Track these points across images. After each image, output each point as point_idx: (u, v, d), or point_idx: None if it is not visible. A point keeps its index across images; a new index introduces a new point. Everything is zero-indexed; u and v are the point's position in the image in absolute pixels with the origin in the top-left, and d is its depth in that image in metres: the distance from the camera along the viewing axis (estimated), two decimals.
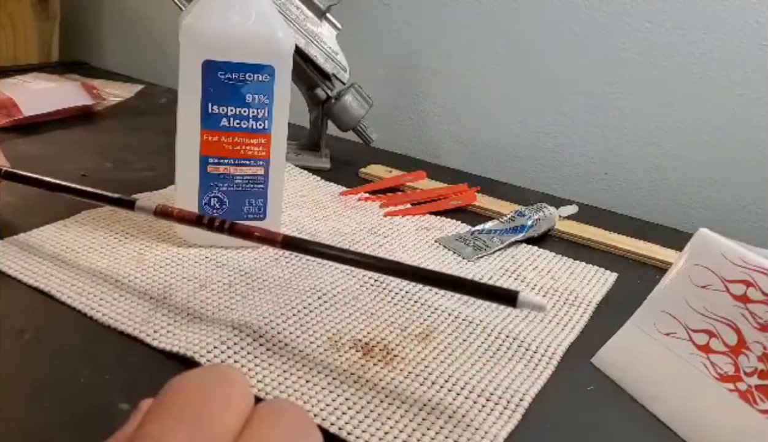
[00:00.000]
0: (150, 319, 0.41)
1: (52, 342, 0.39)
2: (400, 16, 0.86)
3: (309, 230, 0.57)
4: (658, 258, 0.58)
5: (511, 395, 0.38)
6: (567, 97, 0.78)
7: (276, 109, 0.49)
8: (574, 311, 0.49)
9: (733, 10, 0.67)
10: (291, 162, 0.71)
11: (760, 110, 0.68)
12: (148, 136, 0.77)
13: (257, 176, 0.50)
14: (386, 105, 0.88)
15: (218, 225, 0.42)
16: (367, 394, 0.37)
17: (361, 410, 0.36)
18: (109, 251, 0.49)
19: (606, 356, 0.43)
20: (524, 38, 0.79)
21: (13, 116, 0.73)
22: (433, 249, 0.56)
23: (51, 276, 0.45)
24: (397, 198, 0.66)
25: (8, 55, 1.02)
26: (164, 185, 0.61)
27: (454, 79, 0.84)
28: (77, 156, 0.68)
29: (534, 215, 0.60)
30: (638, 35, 0.72)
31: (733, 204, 0.72)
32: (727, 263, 0.38)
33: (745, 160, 0.70)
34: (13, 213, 0.52)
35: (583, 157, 0.79)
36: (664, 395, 0.39)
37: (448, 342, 0.43)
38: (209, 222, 0.42)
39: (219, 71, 0.47)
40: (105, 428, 0.33)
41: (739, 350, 0.37)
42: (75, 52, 1.15)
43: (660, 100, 0.73)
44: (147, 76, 1.02)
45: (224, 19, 0.47)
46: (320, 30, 0.70)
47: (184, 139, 0.49)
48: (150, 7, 1.08)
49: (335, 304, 0.46)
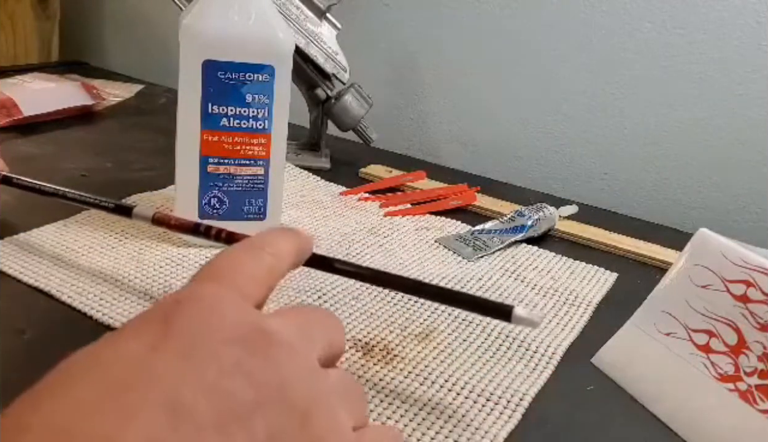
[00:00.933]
0: None
1: (52, 342, 0.39)
2: (400, 16, 0.86)
3: (309, 230, 0.57)
4: (658, 258, 0.58)
5: (511, 395, 0.38)
6: (567, 97, 0.78)
7: (276, 109, 0.49)
8: (574, 311, 0.49)
9: (733, 11, 0.67)
10: (291, 162, 0.71)
11: (760, 110, 0.68)
12: (148, 136, 0.77)
13: (257, 176, 0.50)
14: (386, 105, 0.88)
15: (215, 234, 0.42)
16: (366, 394, 0.37)
17: None
18: (109, 251, 0.49)
19: (606, 356, 0.43)
20: (524, 38, 0.79)
21: (13, 116, 0.73)
22: (433, 249, 0.56)
23: (51, 276, 0.45)
24: (397, 198, 0.66)
25: (8, 55, 1.02)
26: (164, 185, 0.61)
27: (454, 79, 0.84)
28: (77, 156, 0.68)
29: (534, 215, 0.60)
30: (638, 35, 0.72)
31: (733, 204, 0.72)
32: (728, 262, 0.38)
33: (745, 160, 0.70)
34: (13, 213, 0.52)
35: (583, 157, 0.79)
36: (664, 395, 0.39)
37: (448, 342, 0.43)
38: (206, 231, 0.42)
39: (219, 71, 0.47)
40: None
41: (740, 350, 0.37)
42: (75, 52, 1.15)
43: (660, 100, 0.73)
44: (147, 76, 1.02)
45: (224, 19, 0.47)
46: (320, 30, 0.70)
47: (184, 139, 0.49)
48: (150, 7, 1.08)
49: (335, 304, 0.46)
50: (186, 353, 0.19)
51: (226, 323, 0.21)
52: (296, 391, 0.21)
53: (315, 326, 0.25)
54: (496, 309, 0.32)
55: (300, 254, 0.30)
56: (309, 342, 0.23)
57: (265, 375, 0.20)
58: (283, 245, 0.27)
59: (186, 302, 0.21)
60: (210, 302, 0.22)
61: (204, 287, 0.23)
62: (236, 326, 0.21)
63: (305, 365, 0.22)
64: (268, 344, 0.21)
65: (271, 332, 0.21)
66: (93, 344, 0.20)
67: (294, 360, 0.21)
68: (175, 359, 0.19)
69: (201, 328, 0.20)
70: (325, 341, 0.24)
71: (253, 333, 0.21)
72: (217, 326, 0.21)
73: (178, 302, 0.21)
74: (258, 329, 0.21)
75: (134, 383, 0.18)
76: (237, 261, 0.25)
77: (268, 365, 0.20)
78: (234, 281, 0.24)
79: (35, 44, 1.06)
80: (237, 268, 0.24)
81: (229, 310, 0.22)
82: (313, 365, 0.23)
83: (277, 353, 0.21)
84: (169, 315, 0.21)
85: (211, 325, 0.21)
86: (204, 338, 0.20)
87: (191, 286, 0.23)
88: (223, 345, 0.20)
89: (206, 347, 0.20)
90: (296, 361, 0.22)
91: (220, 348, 0.20)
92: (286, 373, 0.21)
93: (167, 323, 0.20)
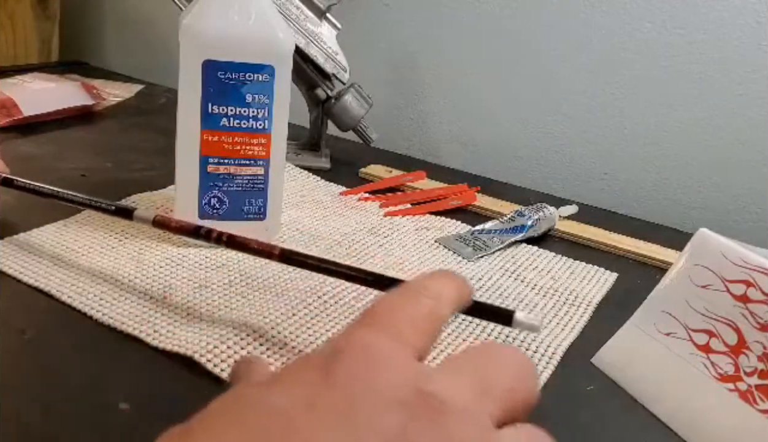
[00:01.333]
0: (150, 319, 0.41)
1: (52, 342, 0.39)
2: (400, 15, 0.86)
3: (309, 230, 0.57)
4: (658, 258, 0.58)
5: None
6: (567, 97, 0.78)
7: (276, 109, 0.49)
8: (574, 311, 0.49)
9: (733, 10, 0.67)
10: (291, 162, 0.71)
11: (760, 110, 0.68)
12: (148, 136, 0.77)
13: (257, 176, 0.50)
14: (386, 105, 0.88)
15: (216, 237, 0.42)
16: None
17: None
18: (109, 251, 0.49)
19: (606, 356, 0.43)
20: (524, 38, 0.79)
21: (13, 116, 0.73)
22: (433, 249, 0.56)
23: (51, 276, 0.45)
24: (397, 198, 0.66)
25: (8, 55, 1.02)
26: (164, 185, 0.61)
27: (454, 79, 0.84)
28: (77, 156, 0.68)
29: (534, 215, 0.60)
30: (638, 35, 0.72)
31: (733, 204, 0.72)
32: (727, 262, 0.38)
33: (745, 160, 0.70)
34: (13, 213, 0.52)
35: (583, 157, 0.79)
36: (664, 395, 0.39)
37: (447, 342, 0.43)
38: (207, 234, 0.42)
39: (219, 71, 0.47)
40: (105, 428, 0.33)
41: (739, 350, 0.37)
42: (75, 52, 1.15)
43: (660, 100, 0.73)
44: (147, 76, 1.02)
45: (224, 19, 0.47)
46: (320, 30, 0.70)
47: (184, 139, 0.49)
48: (150, 7, 1.08)
49: (336, 304, 0.46)
50: (344, 415, 0.18)
51: (389, 381, 0.19)
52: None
53: (493, 375, 0.22)
54: (497, 313, 0.32)
55: (461, 298, 0.27)
56: (482, 402, 0.21)
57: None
58: (443, 288, 0.26)
59: (347, 352, 0.20)
60: (372, 353, 0.20)
61: (365, 335, 0.21)
62: (399, 387, 0.19)
63: (475, 432, 0.20)
64: (434, 411, 0.19)
65: (437, 396, 0.19)
66: (254, 386, 0.20)
67: (461, 428, 0.19)
68: (332, 422, 0.18)
69: (362, 385, 0.19)
70: (506, 391, 0.22)
71: (418, 397, 0.19)
72: (379, 385, 0.19)
73: (339, 352, 0.20)
74: (423, 393, 0.19)
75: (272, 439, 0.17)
76: (396, 306, 0.23)
77: (434, 432, 0.18)
78: (394, 327, 0.22)
79: (35, 44, 1.06)
80: (396, 313, 0.23)
81: (391, 364, 0.20)
82: (484, 427, 0.20)
83: (445, 421, 0.19)
84: (330, 366, 0.20)
85: (373, 382, 0.19)
86: (364, 398, 0.19)
87: (351, 332, 0.22)
88: (385, 409, 0.19)
89: (366, 409, 0.18)
90: (464, 429, 0.19)
91: (381, 412, 0.18)
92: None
93: (327, 375, 0.19)
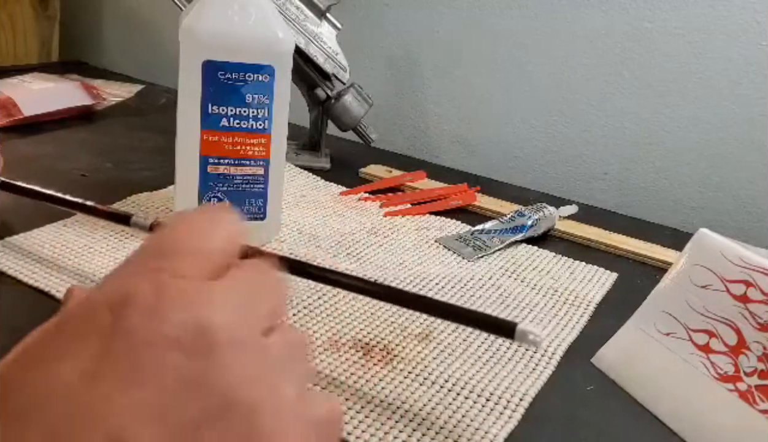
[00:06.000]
0: None
1: None
2: (400, 16, 0.86)
3: (309, 230, 0.57)
4: (658, 258, 0.58)
5: (511, 395, 0.38)
6: (567, 97, 0.78)
7: (276, 109, 0.49)
8: (574, 311, 0.49)
9: (733, 10, 0.67)
10: (291, 162, 0.71)
11: (760, 110, 0.68)
12: (148, 136, 0.77)
13: (257, 176, 0.50)
14: (386, 105, 0.88)
15: None
16: (367, 394, 0.37)
17: (361, 410, 0.36)
18: (109, 251, 0.49)
19: (606, 356, 0.43)
20: (524, 38, 0.79)
21: (13, 116, 0.73)
22: (433, 249, 0.56)
23: (51, 276, 0.45)
24: (397, 198, 0.66)
25: (8, 55, 1.02)
26: (164, 185, 0.61)
27: (454, 78, 0.84)
28: (77, 156, 0.68)
29: (534, 215, 0.60)
30: (638, 35, 0.72)
31: (733, 204, 0.72)
32: (727, 262, 0.38)
33: (745, 160, 0.70)
34: (13, 213, 0.52)
35: (583, 157, 0.79)
36: (664, 395, 0.39)
37: (448, 342, 0.43)
38: None
39: (219, 71, 0.47)
40: None
41: (739, 350, 0.37)
42: (75, 52, 1.15)
43: (660, 100, 0.73)
44: (147, 76, 1.02)
45: (224, 19, 0.47)
46: (320, 30, 0.70)
47: (184, 139, 0.49)
48: (150, 7, 1.08)
49: (335, 304, 0.46)
50: (126, 380, 0.19)
51: (168, 325, 0.20)
52: (243, 389, 0.20)
53: (259, 296, 0.23)
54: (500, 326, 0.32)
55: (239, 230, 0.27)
56: (252, 322, 0.22)
57: (208, 381, 0.20)
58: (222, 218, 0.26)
59: (122, 307, 0.20)
60: (150, 303, 0.20)
61: (145, 279, 0.21)
62: (177, 326, 0.20)
63: (250, 358, 0.21)
64: (210, 347, 0.20)
65: (213, 329, 0.20)
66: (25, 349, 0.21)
67: (238, 358, 0.21)
68: (114, 392, 0.19)
69: (139, 343, 0.20)
70: (270, 311, 0.23)
71: (195, 336, 0.20)
72: (157, 334, 0.20)
73: (112, 310, 0.20)
74: (200, 328, 0.20)
75: (74, 428, 0.18)
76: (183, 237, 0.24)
77: (210, 369, 0.20)
78: (180, 262, 0.22)
79: (35, 44, 1.06)
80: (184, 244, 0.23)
81: (171, 307, 0.20)
82: (257, 345, 0.22)
83: (221, 356, 0.20)
84: (105, 331, 0.20)
85: (150, 334, 0.20)
86: (144, 355, 0.19)
87: (130, 276, 0.22)
88: (164, 356, 0.20)
89: (147, 367, 0.19)
90: (240, 358, 0.21)
91: (160, 362, 0.19)
92: (231, 375, 0.20)
93: (102, 342, 0.20)
